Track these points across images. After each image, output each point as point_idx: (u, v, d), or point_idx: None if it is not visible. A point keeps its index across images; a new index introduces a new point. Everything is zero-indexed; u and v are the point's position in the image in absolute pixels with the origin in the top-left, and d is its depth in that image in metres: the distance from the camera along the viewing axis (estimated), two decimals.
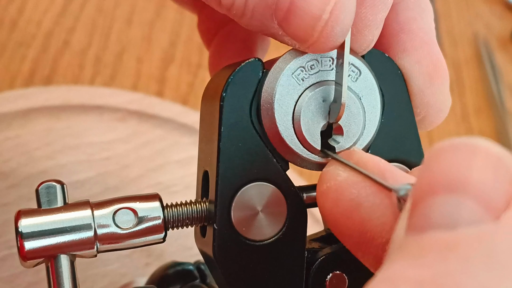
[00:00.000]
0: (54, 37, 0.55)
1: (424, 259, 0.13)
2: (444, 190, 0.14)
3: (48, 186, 0.24)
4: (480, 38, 0.73)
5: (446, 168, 0.14)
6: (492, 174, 0.13)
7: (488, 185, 0.13)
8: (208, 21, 0.36)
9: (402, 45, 0.26)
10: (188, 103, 0.54)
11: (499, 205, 0.13)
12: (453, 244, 0.13)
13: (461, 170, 0.14)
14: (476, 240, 0.13)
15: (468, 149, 0.14)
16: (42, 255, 0.23)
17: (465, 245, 0.13)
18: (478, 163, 0.14)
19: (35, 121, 0.45)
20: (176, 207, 0.25)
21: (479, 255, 0.13)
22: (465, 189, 0.13)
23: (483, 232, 0.13)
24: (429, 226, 0.14)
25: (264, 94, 0.24)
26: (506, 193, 0.13)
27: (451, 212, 0.13)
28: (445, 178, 0.14)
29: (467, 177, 0.13)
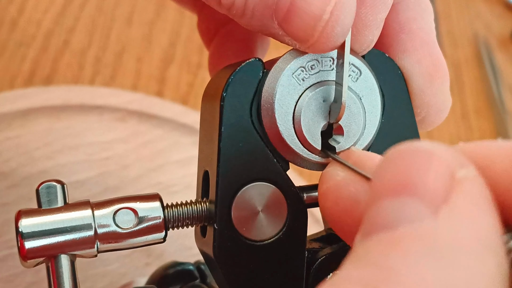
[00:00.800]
0: (54, 37, 0.55)
1: (367, 259, 0.14)
2: (388, 194, 0.14)
3: (48, 186, 0.24)
4: (480, 38, 0.73)
5: (390, 173, 0.14)
6: (430, 172, 0.14)
7: (427, 183, 0.14)
8: (208, 21, 0.36)
9: (402, 45, 0.26)
10: (188, 103, 0.54)
11: (437, 200, 0.14)
12: (394, 241, 0.13)
13: (403, 174, 0.14)
14: (416, 235, 0.13)
15: (409, 153, 0.15)
16: (42, 255, 0.23)
17: (405, 241, 0.13)
18: (417, 165, 0.14)
19: (35, 121, 0.45)
20: (176, 207, 0.25)
21: (418, 248, 0.13)
22: (407, 191, 0.14)
23: (422, 227, 0.14)
24: (374, 229, 0.14)
25: (264, 94, 0.24)
26: (444, 188, 0.14)
27: (393, 214, 0.14)
28: (389, 183, 0.14)
29: (408, 179, 0.14)
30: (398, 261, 0.13)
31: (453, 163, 0.15)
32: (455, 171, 0.14)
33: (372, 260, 0.13)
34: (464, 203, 0.14)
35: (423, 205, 0.14)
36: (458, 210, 0.14)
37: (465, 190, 0.14)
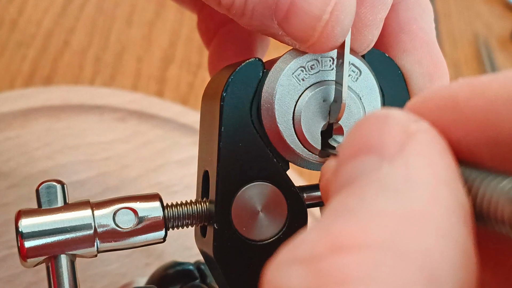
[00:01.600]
0: (54, 37, 0.55)
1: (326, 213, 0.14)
2: (349, 158, 0.15)
3: (48, 186, 0.24)
4: (480, 38, 0.73)
5: (351, 139, 0.15)
6: (385, 131, 0.15)
7: (382, 140, 0.15)
8: (208, 21, 0.36)
9: (402, 45, 0.26)
10: (188, 103, 0.54)
11: (392, 151, 0.14)
12: (352, 191, 0.14)
13: (361, 137, 0.15)
14: (371, 180, 0.14)
15: (368, 119, 0.16)
16: (42, 255, 0.23)
17: (361, 186, 0.14)
18: (374, 127, 0.15)
19: (35, 121, 0.45)
20: (176, 207, 0.25)
21: (373, 189, 0.14)
22: (363, 151, 0.15)
23: (377, 174, 0.14)
24: (336, 191, 0.15)
25: (264, 94, 0.24)
26: (398, 141, 0.15)
27: (352, 171, 0.15)
28: (349, 147, 0.15)
29: (365, 140, 0.15)
30: (354, 202, 0.14)
31: (405, 120, 0.15)
32: (408, 126, 0.15)
33: (331, 212, 0.14)
34: (418, 150, 0.15)
35: (380, 158, 0.14)
36: (413, 155, 0.14)
37: (418, 139, 0.15)
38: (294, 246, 0.14)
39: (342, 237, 0.13)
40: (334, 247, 0.13)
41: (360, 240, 0.13)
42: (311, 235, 0.13)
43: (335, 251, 0.13)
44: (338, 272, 0.12)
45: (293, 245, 0.14)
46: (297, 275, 0.13)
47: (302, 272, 0.13)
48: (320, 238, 0.13)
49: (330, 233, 0.13)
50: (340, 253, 0.13)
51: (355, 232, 0.13)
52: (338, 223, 0.13)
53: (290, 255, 0.13)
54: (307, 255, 0.13)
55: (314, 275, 0.12)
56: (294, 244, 0.14)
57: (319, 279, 0.12)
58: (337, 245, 0.13)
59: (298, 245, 0.14)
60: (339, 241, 0.13)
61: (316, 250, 0.13)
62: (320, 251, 0.13)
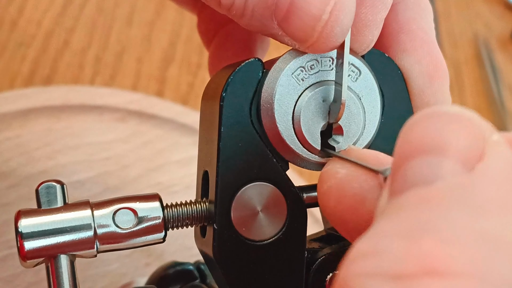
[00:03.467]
0: (54, 37, 0.55)
1: (402, 213, 0.14)
2: (420, 153, 0.14)
3: (48, 186, 0.24)
4: (480, 38, 0.73)
5: (421, 134, 0.15)
6: (464, 133, 0.14)
7: (461, 143, 0.14)
8: (207, 21, 0.36)
9: (402, 45, 0.26)
10: (188, 103, 0.54)
11: (472, 159, 0.14)
12: (429, 196, 0.14)
13: (435, 134, 0.14)
14: (451, 189, 0.14)
15: (439, 115, 0.15)
16: (42, 255, 0.23)
17: (441, 194, 0.13)
18: (450, 126, 0.14)
19: (35, 121, 0.45)
20: (176, 207, 0.25)
21: (453, 200, 0.13)
22: (440, 149, 0.14)
23: (457, 182, 0.14)
24: (408, 186, 0.14)
25: (264, 94, 0.24)
26: (478, 148, 0.14)
27: (427, 171, 0.14)
28: (420, 143, 0.14)
29: (440, 139, 0.14)
30: (434, 213, 0.13)
31: (483, 126, 0.15)
32: (487, 134, 0.14)
33: (407, 214, 0.13)
34: (498, 163, 0.14)
35: (457, 163, 0.14)
36: (493, 168, 0.14)
37: (498, 152, 0.14)
38: (376, 255, 0.13)
39: (433, 259, 0.13)
40: (425, 269, 0.12)
41: (454, 266, 0.12)
42: (395, 246, 0.13)
43: (426, 274, 0.12)
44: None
45: (374, 253, 0.13)
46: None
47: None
48: (409, 255, 0.13)
49: (418, 250, 0.13)
50: (433, 277, 0.12)
51: (446, 257, 0.13)
52: (426, 240, 0.13)
53: (375, 266, 0.13)
54: (395, 272, 0.13)
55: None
56: (375, 252, 0.13)
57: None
58: (428, 267, 0.12)
59: (384, 256, 0.13)
60: (430, 263, 0.12)
61: (405, 268, 0.13)
62: (410, 270, 0.12)
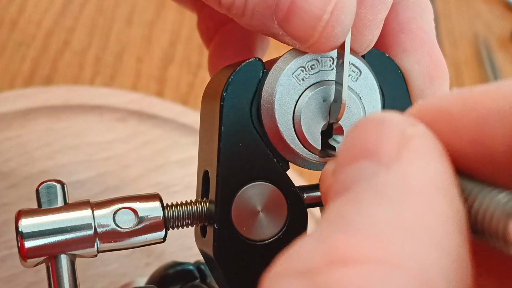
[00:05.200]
0: (54, 37, 0.55)
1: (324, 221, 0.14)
2: (346, 162, 0.15)
3: (48, 186, 0.24)
4: (480, 38, 0.73)
5: (348, 143, 0.15)
6: (380, 134, 0.15)
7: (378, 143, 0.15)
8: (207, 21, 0.36)
9: (402, 45, 0.26)
10: (188, 103, 0.54)
11: (389, 157, 0.14)
12: (349, 198, 0.14)
13: (360, 142, 0.15)
14: (367, 188, 0.14)
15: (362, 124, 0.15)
16: (42, 255, 0.23)
17: (358, 194, 0.14)
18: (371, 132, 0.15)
19: (35, 121, 0.45)
20: (176, 207, 0.25)
21: (368, 197, 0.14)
22: (360, 156, 0.15)
23: (374, 181, 0.14)
24: (333, 195, 0.15)
25: (264, 94, 0.24)
26: (395, 146, 0.15)
27: (350, 177, 0.15)
28: (346, 151, 0.15)
29: (361, 145, 0.15)
30: (349, 212, 0.14)
31: (402, 124, 0.15)
32: (405, 130, 0.15)
33: (328, 219, 0.14)
34: (414, 155, 0.14)
35: (377, 164, 0.14)
36: (408, 161, 0.14)
37: (415, 144, 0.15)
38: (291, 257, 0.13)
39: (339, 250, 0.13)
40: (332, 261, 0.13)
41: (358, 253, 0.13)
42: (308, 246, 0.13)
43: (333, 265, 0.13)
44: (336, 287, 0.12)
45: (290, 255, 0.14)
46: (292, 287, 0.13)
47: (299, 285, 0.13)
48: (317, 250, 0.13)
49: (327, 245, 0.13)
50: (338, 267, 0.13)
51: (352, 245, 0.13)
52: (335, 234, 0.13)
53: (286, 266, 0.13)
54: (304, 267, 0.13)
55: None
56: (290, 254, 0.14)
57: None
58: (334, 258, 0.13)
59: (295, 255, 0.13)
60: (336, 254, 0.13)
61: (313, 263, 0.13)
62: (318, 263, 0.13)
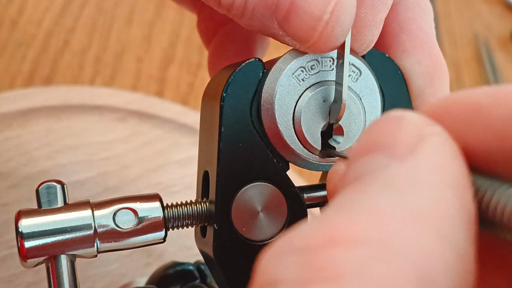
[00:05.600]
0: (54, 37, 0.55)
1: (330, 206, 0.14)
2: (360, 155, 0.15)
3: (48, 186, 0.24)
4: (480, 38, 0.73)
5: (364, 138, 0.16)
6: (397, 130, 0.15)
7: (394, 138, 0.15)
8: (207, 21, 0.36)
9: (402, 45, 0.26)
10: (188, 103, 0.54)
11: (403, 152, 0.15)
12: (357, 186, 0.14)
13: (376, 136, 0.15)
14: (378, 176, 0.14)
15: (380, 121, 0.16)
16: (42, 255, 0.23)
17: (366, 183, 0.14)
18: (387, 127, 0.15)
19: (35, 121, 0.45)
20: (176, 207, 0.25)
21: (377, 185, 0.14)
22: (375, 149, 0.15)
23: (385, 171, 0.14)
24: (344, 186, 0.15)
25: (264, 94, 0.24)
26: (411, 142, 0.15)
27: (362, 168, 0.15)
28: (361, 145, 0.15)
29: (378, 139, 0.15)
30: (356, 198, 0.14)
31: (420, 123, 0.15)
32: (422, 129, 0.15)
33: (333, 206, 0.14)
34: (428, 152, 0.15)
35: (390, 158, 0.15)
36: (422, 157, 0.14)
37: (430, 142, 0.15)
38: (290, 236, 0.13)
39: (338, 230, 0.13)
40: (330, 240, 0.13)
41: (357, 235, 0.13)
42: (309, 226, 0.13)
43: (330, 244, 0.13)
44: (331, 266, 0.12)
45: (289, 235, 0.14)
46: (289, 266, 0.13)
47: (296, 263, 0.13)
48: (318, 230, 0.13)
49: (328, 225, 0.13)
50: (335, 247, 0.12)
51: (353, 227, 0.13)
52: (337, 217, 0.13)
53: (285, 244, 0.13)
54: (301, 246, 0.13)
55: (307, 267, 0.12)
56: (291, 234, 0.13)
57: (311, 272, 0.12)
58: (333, 238, 0.13)
59: (295, 235, 0.13)
60: (335, 234, 0.13)
61: (311, 242, 0.13)
62: (316, 243, 0.13)
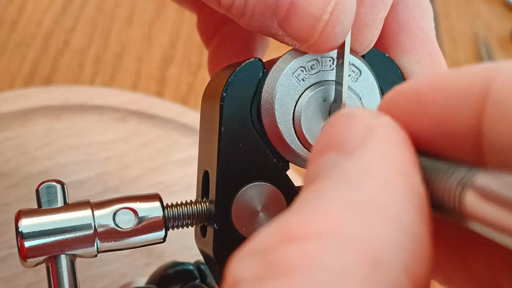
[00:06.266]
0: (54, 37, 0.55)
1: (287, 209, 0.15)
2: (314, 157, 0.16)
3: (48, 186, 0.24)
4: (480, 38, 0.73)
5: (318, 139, 0.16)
6: (346, 127, 0.16)
7: (343, 136, 0.15)
8: (207, 21, 0.36)
9: (402, 45, 0.26)
10: (188, 103, 0.54)
11: (352, 147, 0.15)
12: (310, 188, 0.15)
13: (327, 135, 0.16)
14: (330, 174, 0.15)
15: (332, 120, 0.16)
16: (42, 255, 0.23)
17: (320, 180, 0.15)
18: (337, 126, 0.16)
19: (35, 121, 0.45)
20: (176, 207, 0.25)
21: (329, 181, 0.14)
22: (327, 148, 0.15)
23: (336, 168, 0.15)
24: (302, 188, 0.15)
25: (264, 94, 0.24)
26: (360, 137, 0.15)
27: (316, 168, 0.15)
28: (316, 147, 0.16)
29: (329, 139, 0.16)
30: (309, 196, 0.14)
31: (367, 116, 0.16)
32: (369, 122, 0.16)
33: (290, 207, 0.15)
34: (376, 143, 0.15)
35: (341, 154, 0.15)
36: (370, 149, 0.15)
37: (377, 133, 0.15)
38: (252, 240, 0.14)
39: (291, 228, 0.13)
40: (283, 238, 0.13)
41: (307, 230, 0.13)
42: (268, 229, 0.14)
43: (283, 242, 0.13)
44: (284, 262, 0.13)
45: (251, 239, 0.14)
46: (249, 266, 0.13)
47: (254, 263, 0.13)
48: (272, 231, 0.14)
49: (282, 225, 0.14)
50: (288, 244, 0.13)
51: (303, 223, 0.13)
52: (290, 216, 0.14)
53: (247, 248, 0.14)
54: (259, 248, 0.14)
55: (264, 266, 0.13)
56: (253, 238, 0.14)
57: (268, 269, 0.13)
58: (285, 236, 0.13)
59: (256, 239, 0.14)
60: (287, 232, 0.13)
61: (268, 242, 0.14)
62: (271, 242, 0.13)
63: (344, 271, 0.12)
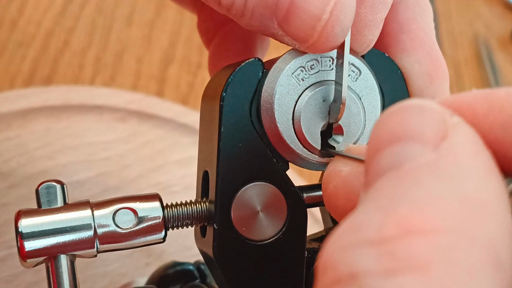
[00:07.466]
0: (54, 37, 0.55)
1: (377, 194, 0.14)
2: (388, 144, 0.15)
3: (48, 186, 0.24)
4: (480, 38, 0.73)
5: (388, 127, 0.16)
6: (425, 119, 0.15)
7: (424, 127, 0.15)
8: (207, 21, 0.36)
9: (402, 45, 0.26)
10: (188, 103, 0.54)
11: (436, 140, 0.15)
12: (402, 175, 0.14)
13: (401, 125, 0.15)
14: (419, 165, 0.14)
15: (403, 109, 0.16)
16: (42, 255, 0.23)
17: (410, 171, 0.14)
18: (413, 115, 0.15)
19: (35, 121, 0.45)
20: (176, 207, 0.25)
21: (422, 174, 0.14)
22: (406, 137, 0.15)
23: (425, 159, 0.14)
24: (380, 174, 0.15)
25: (264, 94, 0.24)
26: (440, 129, 0.15)
27: (396, 157, 0.15)
28: (388, 135, 0.16)
29: (405, 128, 0.15)
30: (406, 186, 0.14)
31: (443, 112, 0.16)
32: (447, 118, 0.15)
33: (381, 193, 0.14)
34: (462, 140, 0.15)
35: (423, 145, 0.15)
36: (457, 144, 0.15)
37: (460, 131, 0.15)
38: (356, 229, 0.14)
39: (409, 221, 0.13)
40: (405, 231, 0.13)
41: (430, 224, 0.13)
42: (373, 218, 0.14)
43: (407, 235, 0.13)
44: (415, 255, 0.13)
45: (352, 228, 0.14)
46: (368, 257, 0.13)
47: (374, 254, 0.13)
48: (388, 221, 0.13)
49: (396, 216, 0.13)
50: (412, 237, 0.13)
51: (423, 217, 0.13)
52: (400, 206, 0.14)
53: (355, 237, 0.14)
54: (377, 238, 0.13)
55: (389, 258, 0.13)
56: (353, 227, 0.14)
57: (395, 262, 0.13)
58: (407, 228, 0.13)
59: (362, 227, 0.14)
60: (408, 225, 0.13)
61: (386, 233, 0.13)
62: (390, 234, 0.13)
63: (475, 270, 0.12)
